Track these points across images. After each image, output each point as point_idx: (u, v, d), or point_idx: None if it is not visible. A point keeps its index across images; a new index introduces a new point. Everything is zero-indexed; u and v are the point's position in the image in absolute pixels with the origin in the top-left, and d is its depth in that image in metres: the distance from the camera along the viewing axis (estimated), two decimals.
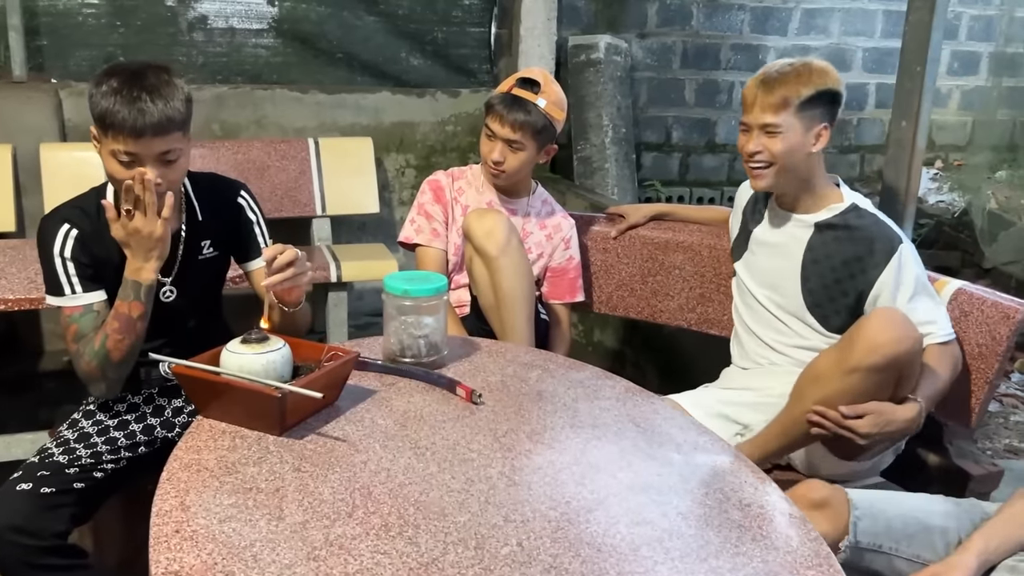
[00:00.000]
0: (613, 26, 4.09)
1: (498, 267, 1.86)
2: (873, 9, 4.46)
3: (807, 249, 1.81)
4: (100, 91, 1.45)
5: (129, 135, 1.43)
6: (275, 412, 1.24)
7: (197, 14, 3.55)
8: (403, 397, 1.41)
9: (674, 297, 2.25)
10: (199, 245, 1.68)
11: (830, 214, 1.80)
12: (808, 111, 1.71)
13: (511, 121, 1.95)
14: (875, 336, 1.52)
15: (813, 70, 1.71)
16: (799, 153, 1.73)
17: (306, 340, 1.44)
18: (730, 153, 4.45)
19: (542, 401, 1.43)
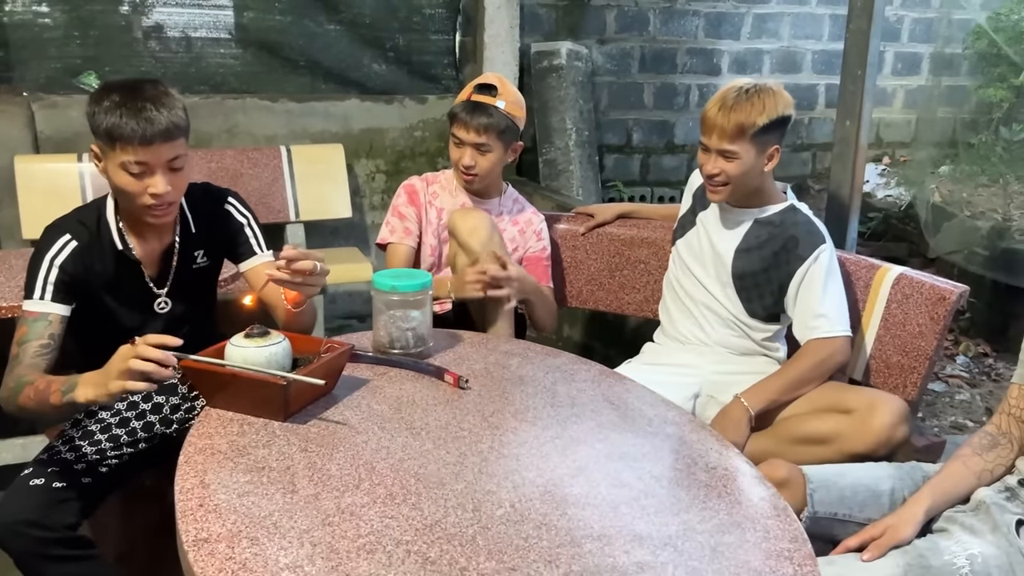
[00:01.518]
0: (574, 33, 4.22)
1: (481, 262, 1.97)
2: (820, 14, 4.66)
3: (743, 238, 1.97)
4: (102, 107, 1.51)
5: (139, 144, 1.50)
6: (280, 399, 1.34)
7: (163, 25, 3.60)
8: (395, 385, 1.52)
9: (639, 290, 2.39)
10: (192, 255, 1.76)
11: (768, 212, 1.97)
12: (762, 137, 1.86)
13: (475, 126, 2.08)
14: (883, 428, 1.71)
15: (767, 99, 1.84)
16: (753, 173, 1.90)
17: (304, 336, 1.54)
18: (688, 153, 4.61)
19: (524, 385, 1.55)
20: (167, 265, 1.73)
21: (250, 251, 1.81)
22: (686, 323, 2.05)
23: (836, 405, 1.78)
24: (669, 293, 2.12)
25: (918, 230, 4.15)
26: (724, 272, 1.98)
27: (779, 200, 1.98)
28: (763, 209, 1.97)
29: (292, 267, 1.46)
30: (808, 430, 1.76)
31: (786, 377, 1.87)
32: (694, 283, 2.03)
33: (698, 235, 2.05)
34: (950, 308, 1.85)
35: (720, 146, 1.86)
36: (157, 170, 1.54)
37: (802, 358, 1.88)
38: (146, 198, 1.56)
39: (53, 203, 1.67)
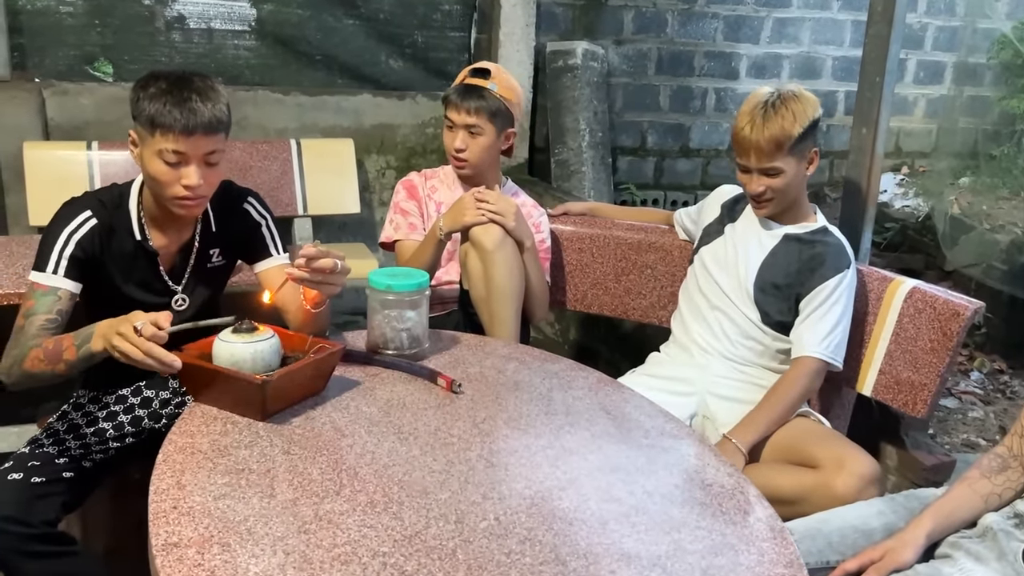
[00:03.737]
0: (590, 33, 4.17)
1: (492, 261, 1.93)
2: (842, 19, 4.58)
3: (770, 253, 1.93)
4: (148, 93, 1.50)
5: (181, 133, 1.48)
6: (256, 398, 1.30)
7: (178, 15, 3.59)
8: (386, 387, 1.48)
9: (646, 296, 2.34)
10: (209, 254, 1.74)
11: (801, 230, 1.94)
12: (800, 146, 1.84)
13: (467, 107, 2.07)
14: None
15: (796, 107, 1.82)
16: (796, 181, 1.89)
17: (296, 333, 1.50)
18: (703, 158, 4.55)
19: (519, 391, 1.50)
20: (184, 261, 1.71)
21: (266, 252, 1.77)
22: (700, 329, 2.00)
23: (804, 457, 1.72)
24: (686, 302, 2.07)
25: (935, 242, 4.07)
26: (747, 281, 1.94)
27: (811, 218, 1.96)
28: (796, 225, 1.95)
29: (312, 265, 1.43)
30: (772, 488, 1.59)
31: (773, 405, 1.83)
32: (716, 290, 1.99)
33: (725, 244, 2.02)
34: (964, 324, 1.79)
35: (761, 165, 1.84)
36: (193, 162, 1.52)
37: (789, 380, 1.85)
38: (178, 188, 1.54)
39: (61, 190, 1.66)
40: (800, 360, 1.86)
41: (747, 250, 1.97)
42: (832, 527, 1.46)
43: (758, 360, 1.95)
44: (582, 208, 2.45)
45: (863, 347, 1.96)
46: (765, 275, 1.93)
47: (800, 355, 1.86)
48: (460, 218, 1.95)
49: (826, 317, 1.85)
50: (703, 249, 2.07)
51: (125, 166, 2.95)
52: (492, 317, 1.99)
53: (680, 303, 2.10)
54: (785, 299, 1.91)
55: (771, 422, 1.81)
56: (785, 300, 1.91)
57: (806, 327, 1.87)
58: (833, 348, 1.84)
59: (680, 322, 2.07)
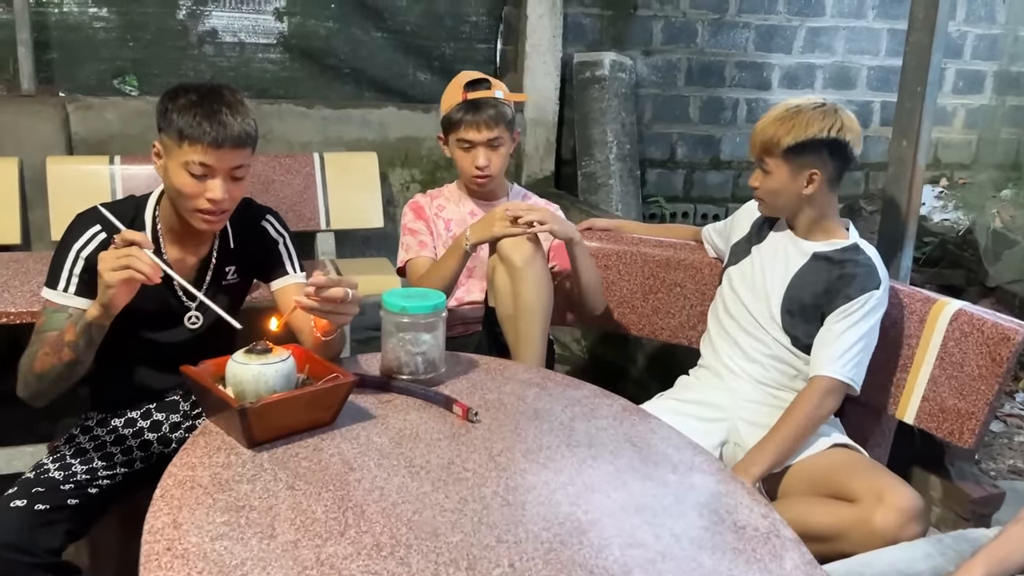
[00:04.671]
0: (618, 43, 4.10)
1: (522, 278, 1.86)
2: (878, 28, 4.46)
3: (798, 272, 1.84)
4: (177, 104, 1.49)
5: (210, 145, 1.47)
6: (240, 425, 1.24)
7: (207, 29, 3.58)
8: (399, 415, 1.41)
9: (675, 315, 2.25)
10: (224, 271, 1.70)
11: (829, 247, 1.84)
12: (795, 158, 1.76)
13: (485, 120, 2.01)
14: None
15: (802, 119, 1.75)
16: (786, 193, 1.81)
17: (320, 357, 1.44)
18: (734, 170, 4.45)
19: (539, 420, 1.43)
20: (200, 278, 1.67)
21: (282, 270, 1.74)
22: (730, 352, 1.91)
23: (840, 490, 1.61)
24: (715, 323, 1.98)
25: (976, 257, 3.93)
26: (775, 302, 1.85)
27: (841, 235, 1.86)
28: (825, 243, 1.85)
29: (322, 295, 1.38)
30: (806, 524, 1.50)
31: (781, 430, 1.72)
32: (744, 313, 1.90)
33: (752, 265, 1.93)
34: (1015, 349, 1.68)
35: (756, 157, 1.82)
36: (219, 175, 1.50)
37: (799, 401, 1.74)
38: (202, 201, 1.52)
39: (83, 205, 1.65)
40: (813, 380, 1.75)
41: (774, 271, 1.88)
42: (875, 571, 1.36)
43: (791, 384, 1.86)
44: (607, 224, 2.38)
45: (904, 372, 1.86)
46: (793, 296, 1.84)
47: (813, 375, 1.76)
48: (490, 229, 1.87)
49: (845, 335, 1.74)
50: (731, 269, 1.98)
51: (148, 180, 2.93)
52: (518, 336, 1.92)
53: (709, 324, 2.01)
54: (813, 320, 1.81)
55: (781, 449, 1.70)
56: (814, 321, 1.81)
57: (822, 345, 1.77)
58: (850, 368, 1.73)
59: (709, 344, 1.98)
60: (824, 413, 1.73)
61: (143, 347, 1.68)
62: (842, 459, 1.71)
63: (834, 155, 1.76)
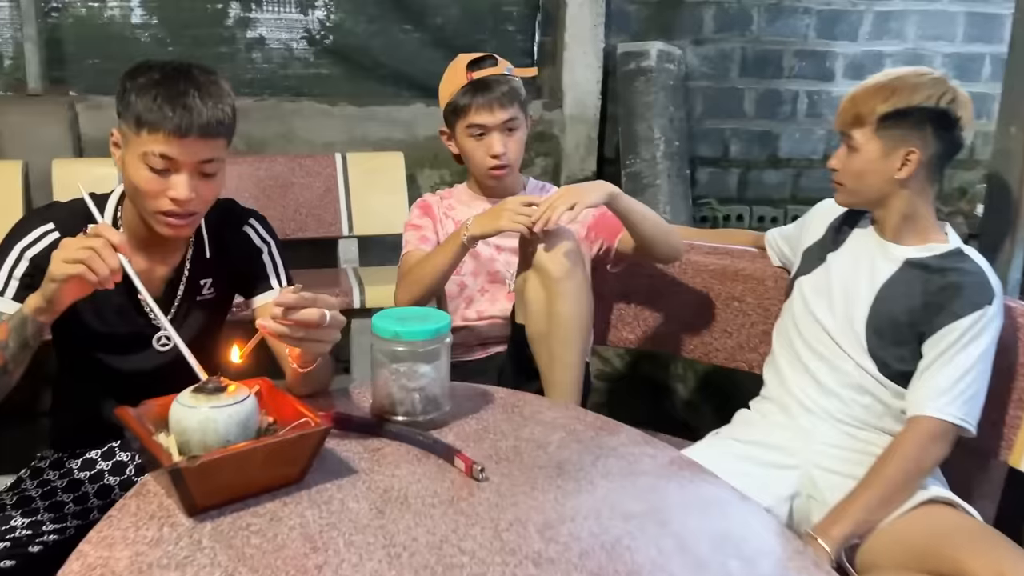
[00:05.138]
0: (666, 32, 3.79)
1: (560, 291, 1.58)
2: (954, 11, 4.06)
3: (887, 283, 1.52)
4: (137, 84, 1.24)
5: (172, 134, 1.22)
6: (176, 487, 0.97)
7: (229, 24, 3.37)
8: (387, 469, 1.13)
9: (732, 334, 1.93)
10: (199, 284, 1.46)
11: (926, 253, 1.51)
12: (889, 130, 1.45)
13: (498, 99, 1.73)
14: None
15: (905, 83, 1.46)
16: (875, 176, 1.50)
17: (291, 395, 1.16)
18: (794, 168, 4.09)
19: (562, 477, 1.13)
20: (171, 293, 1.43)
21: (265, 283, 1.48)
22: (801, 382, 1.59)
23: (947, 564, 1.27)
24: (782, 345, 1.66)
25: None
26: (858, 319, 1.53)
27: (940, 238, 1.53)
28: (916, 248, 1.53)
29: (292, 318, 1.10)
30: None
31: (874, 484, 1.40)
32: (817, 330, 1.58)
33: (828, 272, 1.61)
34: None
35: (841, 130, 1.52)
36: (184, 170, 1.25)
37: (896, 449, 1.42)
38: (164, 201, 1.27)
39: None
40: (913, 422, 1.42)
41: (857, 281, 1.56)
42: None
43: (878, 423, 1.53)
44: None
45: (1019, 408, 1.51)
46: (880, 312, 1.51)
47: (913, 414, 1.43)
48: (495, 222, 1.58)
49: (953, 364, 1.42)
50: (803, 279, 1.65)
51: None
52: (552, 359, 1.63)
53: (775, 346, 1.69)
54: (907, 342, 1.48)
55: (871, 508, 1.38)
56: (907, 344, 1.48)
57: (925, 378, 1.44)
58: (961, 405, 1.40)
59: (775, 371, 1.66)
60: (929, 464, 1.40)
61: (107, 374, 1.44)
62: (945, 521, 1.37)
63: (939, 133, 1.45)
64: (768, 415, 1.63)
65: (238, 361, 1.14)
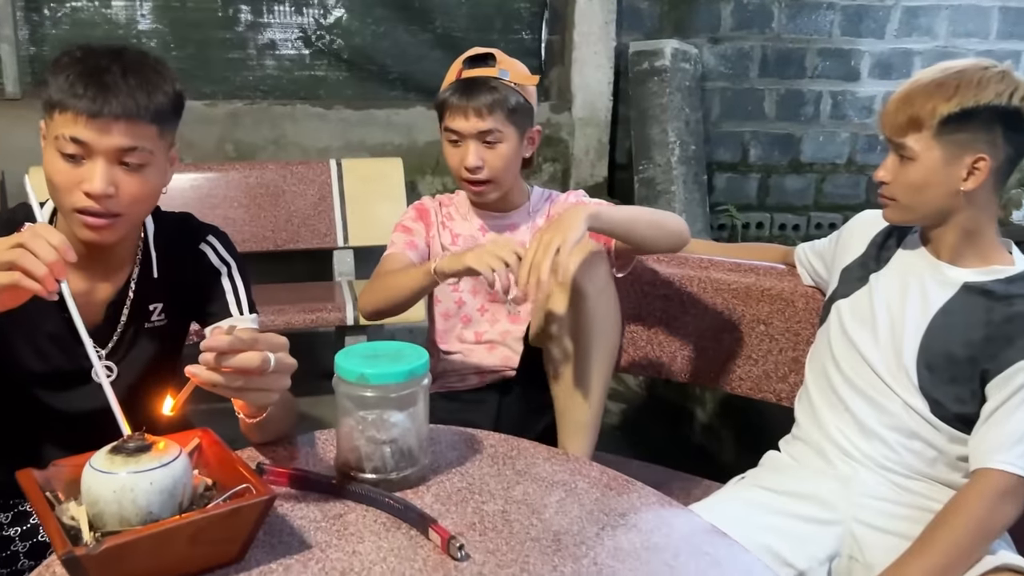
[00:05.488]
0: (681, 30, 3.59)
1: (590, 310, 1.42)
2: (987, 6, 3.84)
3: (942, 310, 1.31)
4: (59, 63, 1.08)
5: (84, 114, 1.05)
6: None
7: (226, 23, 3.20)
8: (347, 543, 0.93)
9: (757, 362, 1.72)
10: (147, 309, 1.28)
11: (988, 276, 1.30)
12: (952, 135, 1.25)
13: (476, 107, 1.51)
14: None
15: (967, 79, 1.24)
16: (936, 189, 1.28)
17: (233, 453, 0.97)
18: (817, 173, 3.89)
19: (559, 554, 0.93)
20: (113, 318, 1.24)
21: (223, 310, 1.30)
22: (838, 422, 1.38)
23: None
24: (816, 378, 1.45)
25: None
26: (907, 352, 1.32)
27: (1005, 260, 1.32)
28: (976, 270, 1.31)
29: (227, 364, 0.89)
30: None
31: (937, 545, 1.18)
32: (858, 363, 1.37)
33: (870, 296, 1.40)
34: None
35: (892, 138, 1.30)
36: (99, 157, 1.07)
37: (961, 505, 1.20)
38: (77, 196, 1.09)
39: None
40: (979, 475, 1.21)
41: (905, 307, 1.34)
42: None
43: (930, 471, 1.31)
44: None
45: None
46: (934, 345, 1.30)
47: (980, 467, 1.21)
48: (462, 259, 1.34)
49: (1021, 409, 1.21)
50: (841, 302, 1.45)
51: None
52: (573, 387, 1.46)
53: (807, 379, 1.48)
54: (965, 380, 1.27)
55: (932, 574, 1.17)
56: (965, 382, 1.27)
57: (992, 424, 1.23)
58: None
59: (809, 407, 1.45)
60: (998, 525, 1.19)
61: (43, 415, 1.25)
62: None
63: (1009, 136, 1.25)
64: (802, 460, 1.42)
65: (170, 411, 0.95)
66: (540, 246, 1.28)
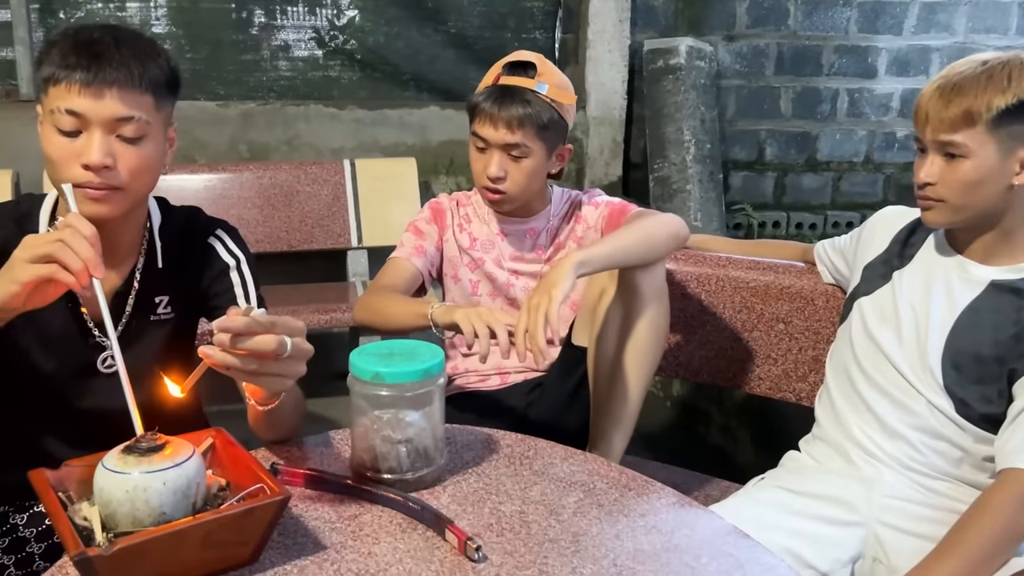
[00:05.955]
0: (696, 27, 3.57)
1: (644, 311, 1.43)
2: (1007, 2, 3.79)
3: (969, 308, 1.28)
4: (53, 43, 1.08)
5: (78, 84, 1.04)
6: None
7: (239, 25, 3.20)
8: (363, 544, 0.92)
9: (777, 361, 1.70)
10: (153, 301, 1.26)
11: (1018, 274, 1.27)
12: (1008, 127, 1.21)
13: (506, 118, 1.47)
14: None
15: (1016, 71, 1.21)
16: (990, 186, 1.24)
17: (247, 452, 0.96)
18: (834, 171, 3.85)
19: (578, 555, 0.91)
20: (118, 307, 1.23)
21: (231, 304, 1.27)
22: (860, 422, 1.35)
23: None
24: (837, 376, 1.43)
25: None
26: (932, 351, 1.29)
27: None
28: (1005, 267, 1.28)
29: (242, 347, 0.87)
30: None
31: (962, 547, 1.15)
32: (881, 362, 1.34)
33: (894, 295, 1.37)
34: None
35: (937, 137, 1.24)
36: (95, 129, 1.06)
37: (986, 507, 1.17)
38: (76, 170, 1.07)
39: None
40: (1005, 476, 1.18)
41: (929, 304, 1.32)
42: None
43: (955, 471, 1.29)
44: None
45: None
46: (960, 343, 1.27)
47: (1007, 467, 1.18)
48: (452, 313, 1.33)
49: None
50: (863, 300, 1.42)
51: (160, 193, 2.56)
52: (613, 388, 1.45)
53: (828, 378, 1.46)
54: (992, 380, 1.24)
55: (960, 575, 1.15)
56: (992, 382, 1.24)
57: (1020, 424, 1.20)
58: None
59: (830, 407, 1.43)
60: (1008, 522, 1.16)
61: (50, 412, 1.24)
62: None
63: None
64: (823, 460, 1.39)
65: (180, 394, 0.93)
66: (530, 312, 1.26)
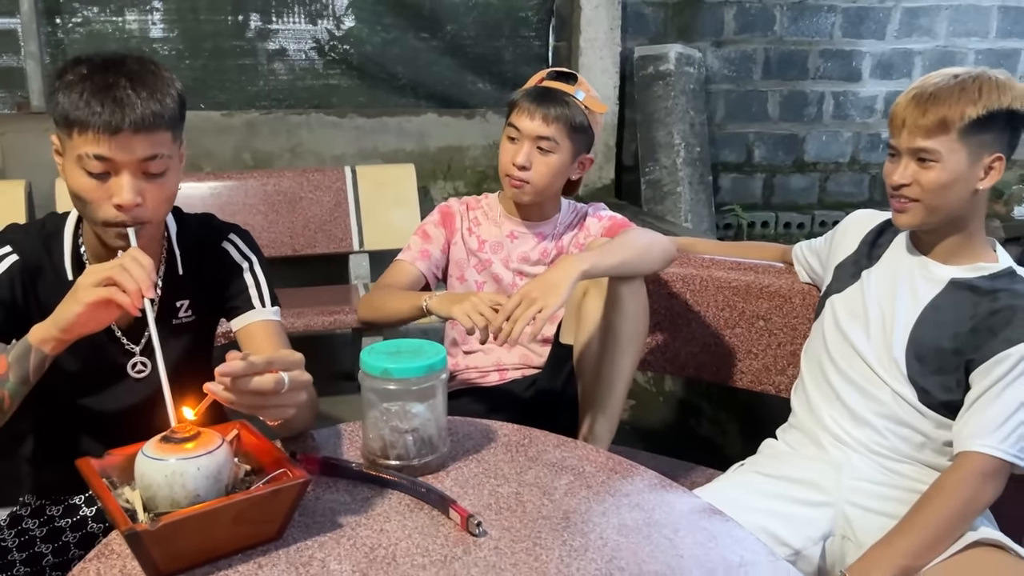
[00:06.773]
0: (685, 34, 3.67)
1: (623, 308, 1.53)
2: (986, 6, 3.91)
3: (931, 305, 1.39)
4: (64, 81, 1.12)
5: (103, 131, 1.10)
6: (137, 551, 0.88)
7: (239, 33, 3.30)
8: (375, 523, 1.02)
9: (757, 356, 1.81)
10: (175, 306, 1.35)
11: (974, 273, 1.38)
12: (977, 136, 1.32)
13: (544, 113, 1.62)
14: None
15: (987, 86, 1.32)
16: (959, 189, 1.35)
17: (270, 441, 1.06)
18: (821, 172, 3.96)
19: (569, 530, 1.02)
20: (142, 316, 1.32)
21: (246, 303, 1.36)
22: (831, 411, 1.46)
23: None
24: (811, 369, 1.54)
25: None
26: (897, 344, 1.40)
27: (989, 257, 1.40)
28: (963, 267, 1.39)
29: (241, 387, 0.95)
30: None
31: (920, 524, 1.27)
32: (850, 354, 1.45)
33: (862, 291, 1.48)
34: None
35: (912, 144, 1.34)
36: (124, 171, 1.13)
37: (944, 486, 1.28)
38: (108, 210, 1.15)
39: None
40: (961, 458, 1.29)
41: (894, 301, 1.43)
42: None
43: (917, 454, 1.40)
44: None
45: None
46: (923, 336, 1.38)
47: (963, 450, 1.29)
48: (450, 306, 1.44)
49: (1005, 395, 1.28)
50: (834, 298, 1.53)
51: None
52: (599, 382, 1.55)
53: (803, 370, 1.57)
54: (952, 370, 1.35)
55: (917, 552, 1.25)
56: (951, 372, 1.35)
57: (975, 410, 1.31)
58: (1015, 441, 1.27)
59: (804, 397, 1.53)
60: (979, 504, 1.27)
61: (80, 414, 1.34)
62: (994, 566, 1.24)
63: (1015, 136, 1.34)
64: (797, 447, 1.50)
65: (193, 418, 1.03)
66: (522, 301, 1.36)
